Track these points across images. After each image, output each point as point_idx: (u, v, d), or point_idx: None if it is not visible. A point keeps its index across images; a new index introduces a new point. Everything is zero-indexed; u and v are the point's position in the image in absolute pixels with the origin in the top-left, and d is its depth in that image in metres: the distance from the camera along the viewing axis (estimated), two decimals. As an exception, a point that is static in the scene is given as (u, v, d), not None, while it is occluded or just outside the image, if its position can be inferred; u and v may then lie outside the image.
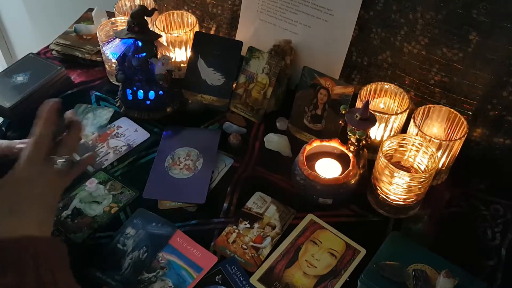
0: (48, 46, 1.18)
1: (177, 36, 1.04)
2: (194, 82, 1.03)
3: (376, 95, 0.92)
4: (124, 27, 0.93)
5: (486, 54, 0.84)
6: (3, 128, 0.98)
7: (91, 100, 1.06)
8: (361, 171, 0.86)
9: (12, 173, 0.63)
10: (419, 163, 0.84)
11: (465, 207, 0.85)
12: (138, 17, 0.90)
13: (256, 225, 0.81)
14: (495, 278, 0.75)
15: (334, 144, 0.86)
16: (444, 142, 0.81)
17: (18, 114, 0.98)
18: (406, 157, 0.85)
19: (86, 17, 1.24)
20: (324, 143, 0.87)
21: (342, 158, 0.86)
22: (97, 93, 1.07)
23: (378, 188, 0.82)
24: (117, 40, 0.93)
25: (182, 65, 1.08)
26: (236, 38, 1.10)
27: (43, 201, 0.63)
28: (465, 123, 0.83)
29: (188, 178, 0.88)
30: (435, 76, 0.92)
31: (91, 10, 1.23)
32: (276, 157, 0.94)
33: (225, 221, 0.82)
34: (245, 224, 0.81)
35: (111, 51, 0.94)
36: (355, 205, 0.85)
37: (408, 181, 0.77)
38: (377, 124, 0.83)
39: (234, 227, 0.81)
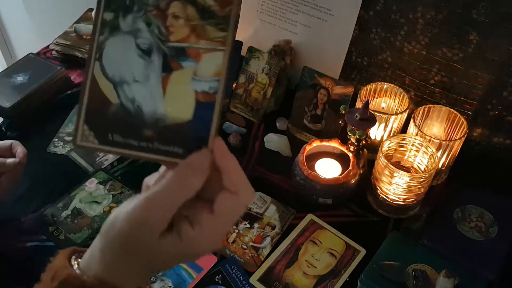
0: (48, 46, 1.18)
1: (177, 36, 1.04)
2: (194, 82, 1.03)
3: (376, 95, 0.92)
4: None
5: (486, 54, 0.84)
6: (3, 128, 0.97)
7: (91, 100, 1.05)
8: (361, 171, 0.86)
9: None
10: (419, 163, 0.84)
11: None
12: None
13: (256, 225, 0.81)
14: (493, 277, 0.75)
15: (334, 144, 0.86)
16: (444, 142, 0.81)
17: (18, 114, 0.98)
18: (406, 157, 0.85)
19: (86, 17, 1.24)
20: (324, 143, 0.87)
21: (342, 158, 0.86)
22: (97, 93, 1.07)
23: (378, 188, 0.82)
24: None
25: (182, 65, 1.08)
26: (236, 38, 1.10)
27: None
28: (465, 123, 0.83)
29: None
30: (435, 76, 0.92)
31: (91, 10, 1.23)
32: (276, 157, 0.94)
33: (225, 221, 0.82)
34: (245, 224, 0.81)
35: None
36: (355, 205, 0.85)
37: (408, 181, 0.77)
38: (377, 124, 0.83)
39: (234, 227, 0.81)
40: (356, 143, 0.83)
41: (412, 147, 0.83)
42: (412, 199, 0.80)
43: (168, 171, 0.39)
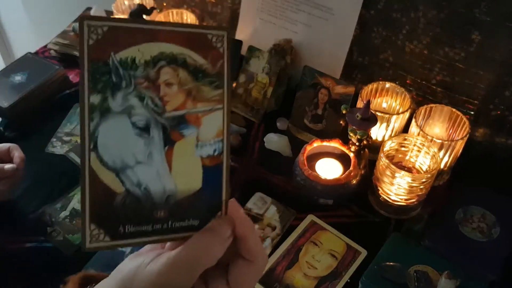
0: (46, 45, 1.17)
1: (177, 35, 1.04)
2: (193, 82, 1.03)
3: (377, 95, 0.91)
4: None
5: (488, 53, 0.83)
6: (1, 128, 0.97)
7: (90, 100, 1.05)
8: (362, 171, 0.85)
9: None
10: (421, 164, 0.83)
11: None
12: (137, 16, 0.89)
13: (256, 226, 0.81)
14: (495, 278, 0.74)
15: (335, 144, 0.86)
16: (446, 142, 0.80)
17: (16, 114, 0.98)
18: (407, 157, 0.84)
19: (85, 16, 1.23)
20: (325, 143, 0.86)
21: (343, 158, 0.85)
22: (96, 93, 1.06)
23: (379, 189, 0.81)
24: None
25: (181, 64, 1.07)
26: (236, 37, 1.10)
27: None
28: (467, 123, 0.82)
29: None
30: (437, 75, 0.91)
31: (89, 9, 1.23)
32: (276, 157, 0.93)
33: (225, 222, 0.81)
34: (245, 225, 0.81)
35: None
36: (356, 206, 0.85)
37: (410, 181, 0.76)
38: (378, 124, 0.82)
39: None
40: (357, 143, 0.83)
41: (414, 147, 0.82)
42: (414, 200, 0.79)
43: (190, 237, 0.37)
